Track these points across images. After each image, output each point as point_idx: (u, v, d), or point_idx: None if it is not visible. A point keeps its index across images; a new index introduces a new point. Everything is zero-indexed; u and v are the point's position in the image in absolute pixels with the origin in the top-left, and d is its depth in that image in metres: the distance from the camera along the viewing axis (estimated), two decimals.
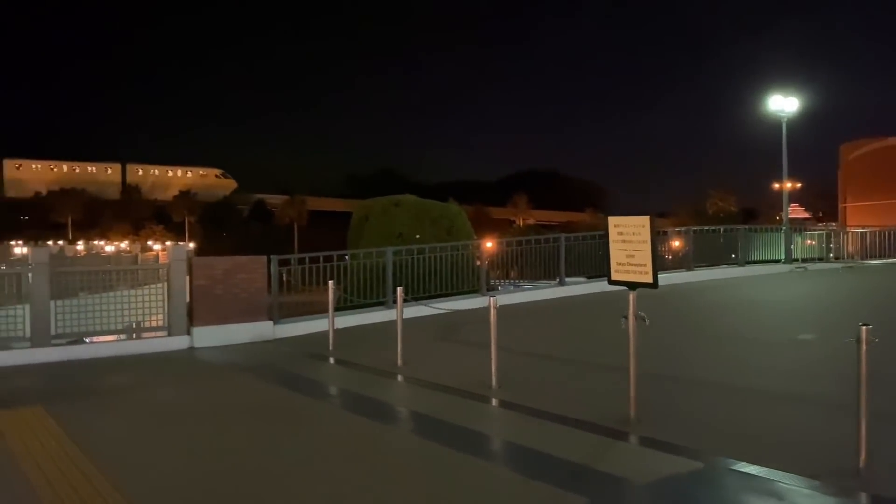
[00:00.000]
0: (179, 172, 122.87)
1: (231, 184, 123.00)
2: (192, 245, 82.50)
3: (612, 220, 6.20)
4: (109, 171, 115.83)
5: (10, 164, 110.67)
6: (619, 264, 6.14)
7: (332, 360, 9.81)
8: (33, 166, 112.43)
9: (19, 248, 49.94)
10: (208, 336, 10.89)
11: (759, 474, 4.73)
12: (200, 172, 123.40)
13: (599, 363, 8.62)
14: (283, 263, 12.30)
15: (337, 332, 10.60)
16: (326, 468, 5.20)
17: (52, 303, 10.16)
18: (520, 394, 7.17)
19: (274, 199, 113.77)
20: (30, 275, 10.27)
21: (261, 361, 9.85)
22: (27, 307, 10.16)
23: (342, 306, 12.70)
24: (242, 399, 7.65)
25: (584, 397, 7.06)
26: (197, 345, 10.83)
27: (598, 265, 16.36)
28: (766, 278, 18.87)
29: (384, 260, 13.56)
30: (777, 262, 21.26)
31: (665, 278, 15.17)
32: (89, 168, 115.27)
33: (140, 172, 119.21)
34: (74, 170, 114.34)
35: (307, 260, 12.80)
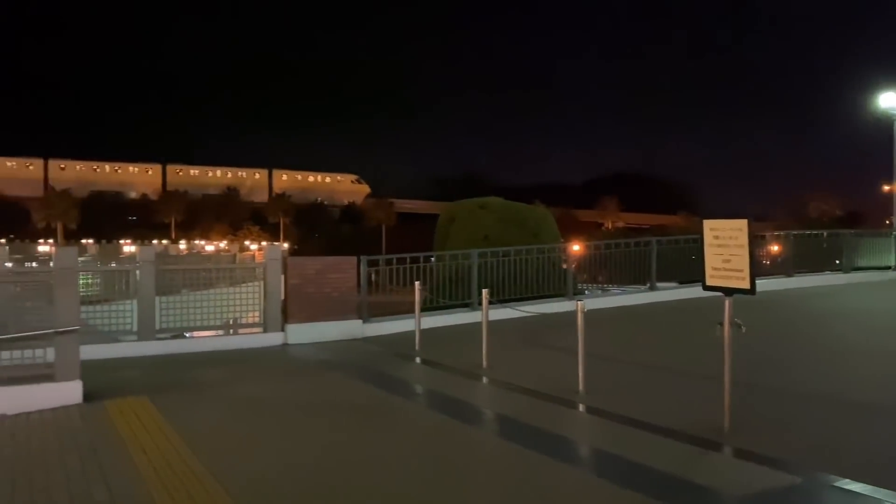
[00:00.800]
0: (320, 178, 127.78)
1: (364, 189, 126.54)
2: (285, 245, 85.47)
3: (708, 224, 6.01)
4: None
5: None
6: (715, 269, 5.95)
7: (418, 360, 9.94)
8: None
9: (128, 247, 53.06)
10: (301, 333, 11.24)
11: (864, 492, 4.47)
12: (338, 178, 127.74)
13: (691, 371, 8.36)
14: (371, 264, 12.56)
15: (423, 332, 10.73)
16: (412, 466, 5.28)
17: (157, 299, 10.74)
18: (608, 400, 7.04)
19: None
20: (138, 272, 10.90)
21: (350, 359, 10.09)
22: (135, 302, 10.78)
23: (427, 307, 12.83)
24: (333, 395, 7.87)
25: (676, 405, 6.87)
26: (290, 341, 11.19)
27: (690, 270, 15.83)
28: (873, 286, 17.78)
29: (469, 262, 13.61)
30: (886, 269, 19.97)
31: (762, 284, 14.54)
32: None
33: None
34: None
35: (394, 261, 13.02)
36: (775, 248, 19.85)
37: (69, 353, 7.26)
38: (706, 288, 6.09)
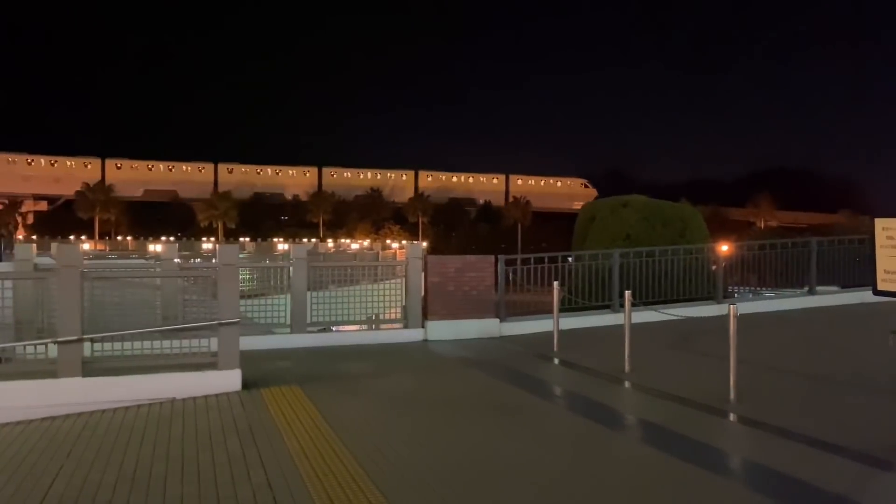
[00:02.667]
0: (550, 181, 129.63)
1: (593, 193, 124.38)
2: (425, 244, 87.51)
3: (881, 223, 5.48)
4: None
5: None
6: (888, 272, 5.41)
7: (556, 361, 9.81)
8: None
9: (281, 245, 56.47)
10: (440, 330, 11.45)
11: None
12: (568, 182, 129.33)
13: (856, 383, 7.66)
14: (509, 263, 12.56)
15: (561, 333, 10.59)
16: (550, 468, 5.21)
17: (308, 294, 11.34)
18: (762, 410, 6.60)
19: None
20: (291, 269, 11.55)
21: (488, 357, 10.14)
22: (288, 297, 11.44)
23: (566, 308, 12.64)
24: (472, 392, 7.94)
25: (841, 419, 6.32)
26: (429, 338, 11.43)
27: (854, 273, 14.57)
28: None
29: (610, 262, 13.27)
30: None
31: None
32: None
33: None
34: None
35: (532, 260, 12.94)
36: None
37: (230, 343, 7.81)
38: (877, 293, 5.56)
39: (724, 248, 16.00)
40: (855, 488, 4.63)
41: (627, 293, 9.14)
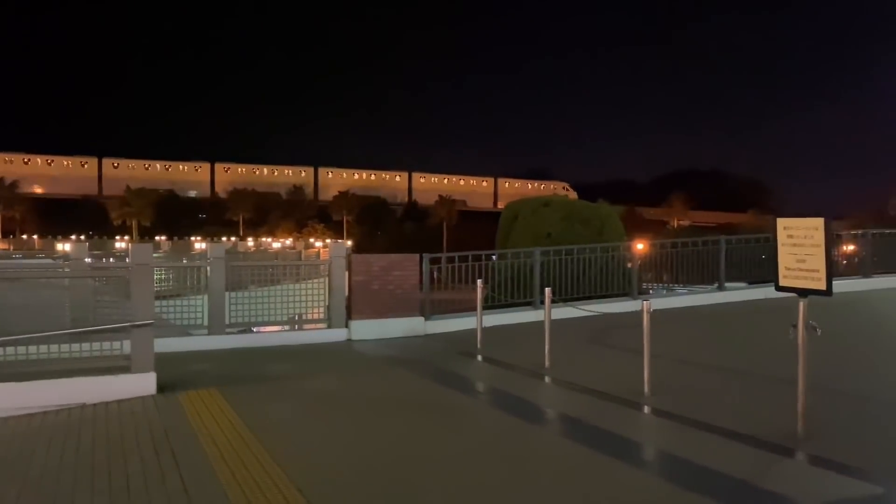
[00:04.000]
0: (534, 185, 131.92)
1: (571, 196, 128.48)
2: (349, 243, 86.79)
3: (782, 222, 5.80)
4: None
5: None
6: (788, 269, 5.73)
7: (480, 358, 9.93)
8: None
9: (198, 244, 54.84)
10: (364, 329, 11.39)
11: None
12: (552, 186, 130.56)
13: (761, 374, 8.09)
14: (433, 262, 12.63)
15: (484, 330, 10.71)
16: (474, 464, 5.27)
17: (226, 294, 11.06)
18: (674, 402, 6.88)
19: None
20: (209, 268, 11.24)
21: (413, 356, 10.16)
22: (205, 297, 11.13)
23: (489, 305, 12.80)
24: (397, 391, 7.94)
25: (745, 409, 6.65)
26: (354, 337, 11.36)
27: (760, 270, 15.35)
28: None
29: (532, 260, 13.52)
30: None
31: (838, 285, 13.96)
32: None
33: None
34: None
35: (456, 259, 13.04)
36: (851, 248, 19.01)
37: (144, 345, 7.54)
38: (779, 288, 5.88)
39: (640, 246, 16.55)
40: (756, 474, 4.89)
41: (547, 290, 9.33)
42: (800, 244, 5.60)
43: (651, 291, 16.06)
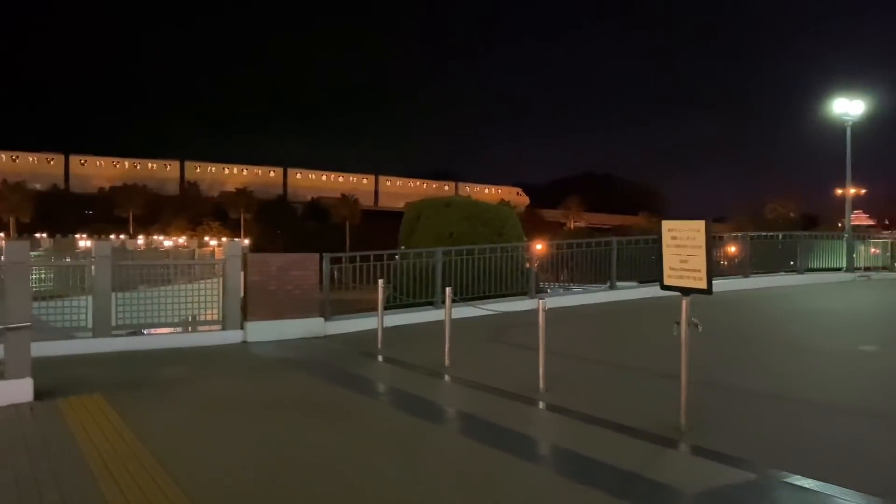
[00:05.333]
0: (489, 190, 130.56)
1: (525, 200, 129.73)
2: (247, 242, 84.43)
3: (666, 225, 6.10)
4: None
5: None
6: (673, 269, 6.03)
7: (380, 358, 9.90)
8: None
9: (83, 242, 51.84)
10: (261, 331, 11.11)
11: (815, 488, 4.58)
12: (507, 190, 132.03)
13: (650, 369, 8.48)
14: (334, 261, 12.47)
15: (386, 330, 10.69)
16: (373, 465, 5.25)
17: (113, 295, 10.51)
18: (568, 397, 7.10)
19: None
20: (93, 267, 10.64)
21: (311, 357, 10.00)
22: (90, 298, 10.53)
23: (391, 305, 12.80)
24: (293, 394, 7.78)
25: (634, 403, 6.96)
26: (250, 339, 11.05)
27: (650, 269, 16.10)
28: (827, 287, 18.27)
29: (434, 260, 13.61)
30: (838, 270, 20.57)
31: (720, 285, 14.82)
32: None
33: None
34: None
35: (358, 258, 12.94)
36: (732, 250, 20.28)
37: (20, 349, 7.05)
38: (664, 287, 6.18)
39: (539, 246, 17.00)
40: (643, 465, 5.12)
41: (448, 290, 9.42)
42: (683, 245, 5.91)
43: (549, 290, 16.52)
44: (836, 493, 4.48)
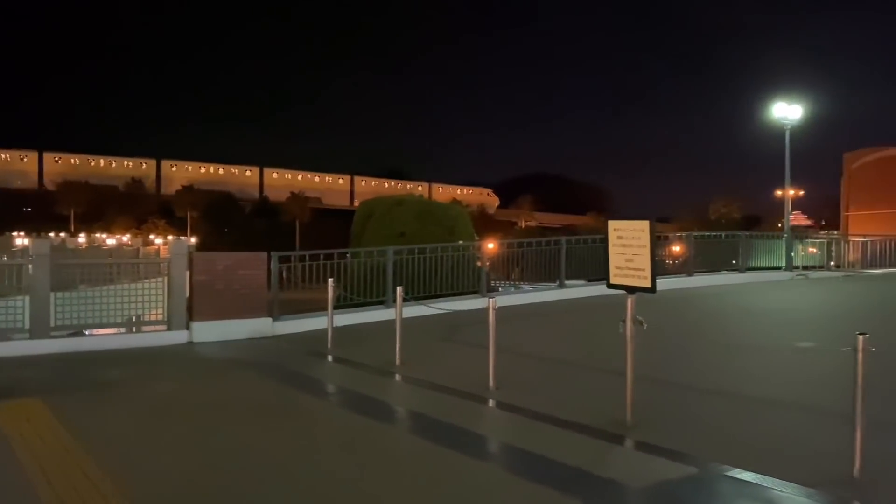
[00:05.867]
0: (461, 190, 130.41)
1: (495, 201, 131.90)
2: (193, 240, 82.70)
3: (612, 224, 6.20)
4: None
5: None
6: (618, 268, 6.14)
7: (330, 358, 9.82)
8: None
9: (21, 240, 50.00)
10: (207, 331, 10.90)
11: (755, 481, 4.73)
12: (478, 191, 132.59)
13: (598, 366, 8.61)
14: (283, 260, 12.31)
15: (336, 330, 10.61)
16: (322, 466, 5.21)
17: (52, 295, 10.17)
18: (518, 395, 7.17)
19: None
20: (30, 266, 10.28)
21: (259, 358, 9.86)
22: (27, 299, 10.17)
23: (342, 304, 12.71)
24: (240, 395, 7.66)
25: (582, 400, 7.06)
26: (196, 339, 10.84)
27: (598, 268, 16.34)
28: (767, 285, 18.85)
29: (385, 259, 13.57)
30: (778, 269, 21.24)
31: (664, 283, 15.16)
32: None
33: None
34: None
35: (307, 257, 12.81)
36: (677, 249, 20.78)
37: None
38: (610, 286, 6.29)
39: (490, 245, 17.12)
40: (590, 461, 5.20)
41: (399, 289, 9.40)
42: (628, 245, 6.03)
43: (500, 289, 16.65)
44: (774, 485, 4.63)
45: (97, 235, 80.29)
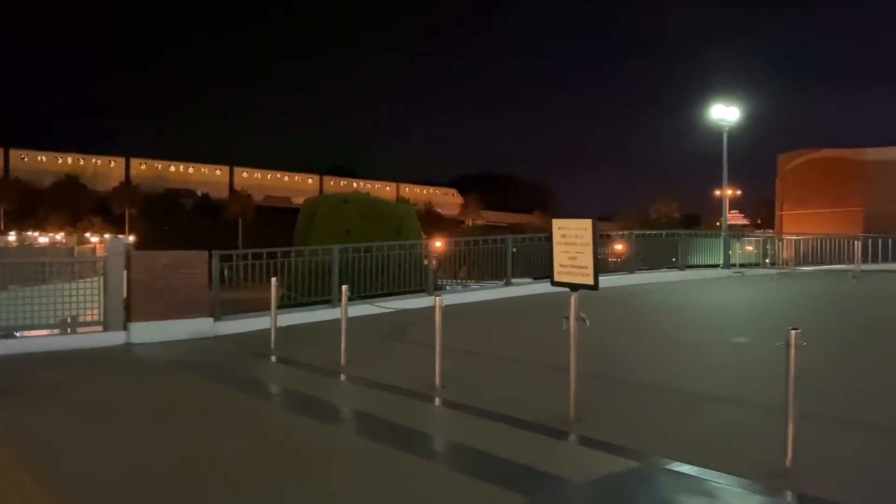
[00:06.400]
0: (427, 191, 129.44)
1: (459, 200, 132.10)
2: (132, 238, 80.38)
3: (556, 223, 6.27)
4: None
5: None
6: (562, 266, 6.21)
7: (273, 359, 9.67)
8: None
9: None
10: (146, 332, 10.59)
11: (693, 473, 4.85)
12: (445, 191, 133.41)
13: (543, 363, 8.70)
14: (225, 259, 12.06)
15: (280, 330, 10.45)
16: (264, 469, 5.11)
17: None
18: (463, 393, 7.18)
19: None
20: None
21: (199, 359, 9.64)
22: None
23: (287, 304, 12.53)
24: (179, 397, 7.47)
25: (527, 397, 7.13)
26: (134, 341, 10.53)
27: (544, 266, 16.52)
28: (705, 282, 19.40)
29: (330, 257, 13.43)
30: (716, 266, 21.89)
31: (607, 281, 15.41)
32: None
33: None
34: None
35: (250, 256, 12.57)
36: (620, 247, 21.20)
37: None
38: (554, 284, 6.36)
39: (438, 244, 17.14)
40: (535, 457, 5.25)
41: (344, 288, 9.31)
42: (572, 243, 6.10)
43: (447, 287, 16.68)
44: (712, 476, 4.76)
45: (29, 234, 77.25)
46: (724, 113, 25.76)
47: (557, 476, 4.91)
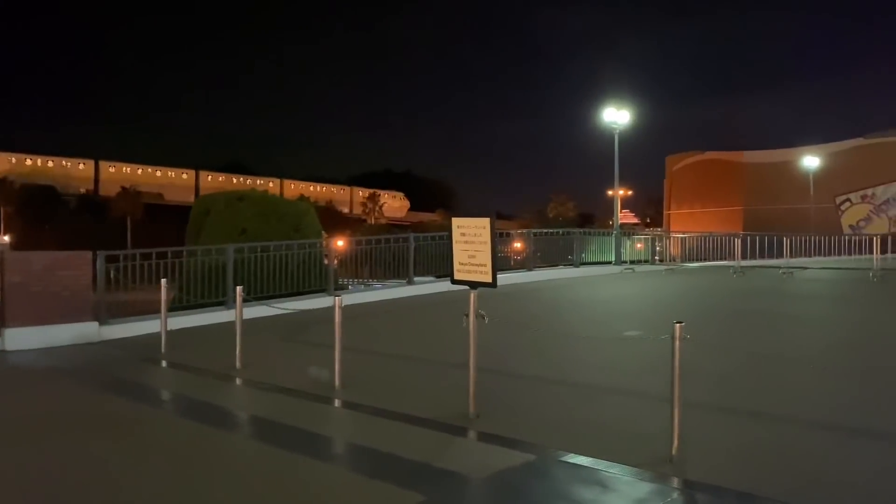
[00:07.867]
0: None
1: (406, 204, 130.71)
2: (7, 238, 74.96)
3: (456, 221, 6.31)
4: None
5: None
6: (462, 264, 6.26)
7: (164, 364, 9.24)
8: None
9: None
10: (23, 338, 9.89)
11: (586, 464, 5.00)
12: (391, 194, 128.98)
13: (443, 361, 8.75)
14: (111, 260, 11.43)
15: (172, 333, 10.02)
16: (156, 480, 4.87)
17: None
18: (363, 393, 7.12)
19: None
20: None
21: (83, 365, 9.09)
22: None
23: (179, 306, 12.03)
24: (60, 408, 7.01)
25: (427, 395, 7.14)
26: (9, 348, 9.81)
27: (445, 265, 16.66)
28: (598, 279, 20.12)
29: (225, 257, 12.98)
30: (608, 263, 22.76)
31: (506, 278, 15.74)
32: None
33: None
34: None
35: (138, 256, 11.97)
36: (519, 245, 21.68)
37: None
38: (454, 282, 6.40)
39: (339, 243, 16.93)
40: (434, 454, 5.26)
41: (238, 289, 9.03)
42: (471, 241, 6.16)
43: (349, 287, 16.51)
44: (604, 467, 4.92)
45: None
46: (616, 116, 26.81)
47: (455, 472, 4.95)
